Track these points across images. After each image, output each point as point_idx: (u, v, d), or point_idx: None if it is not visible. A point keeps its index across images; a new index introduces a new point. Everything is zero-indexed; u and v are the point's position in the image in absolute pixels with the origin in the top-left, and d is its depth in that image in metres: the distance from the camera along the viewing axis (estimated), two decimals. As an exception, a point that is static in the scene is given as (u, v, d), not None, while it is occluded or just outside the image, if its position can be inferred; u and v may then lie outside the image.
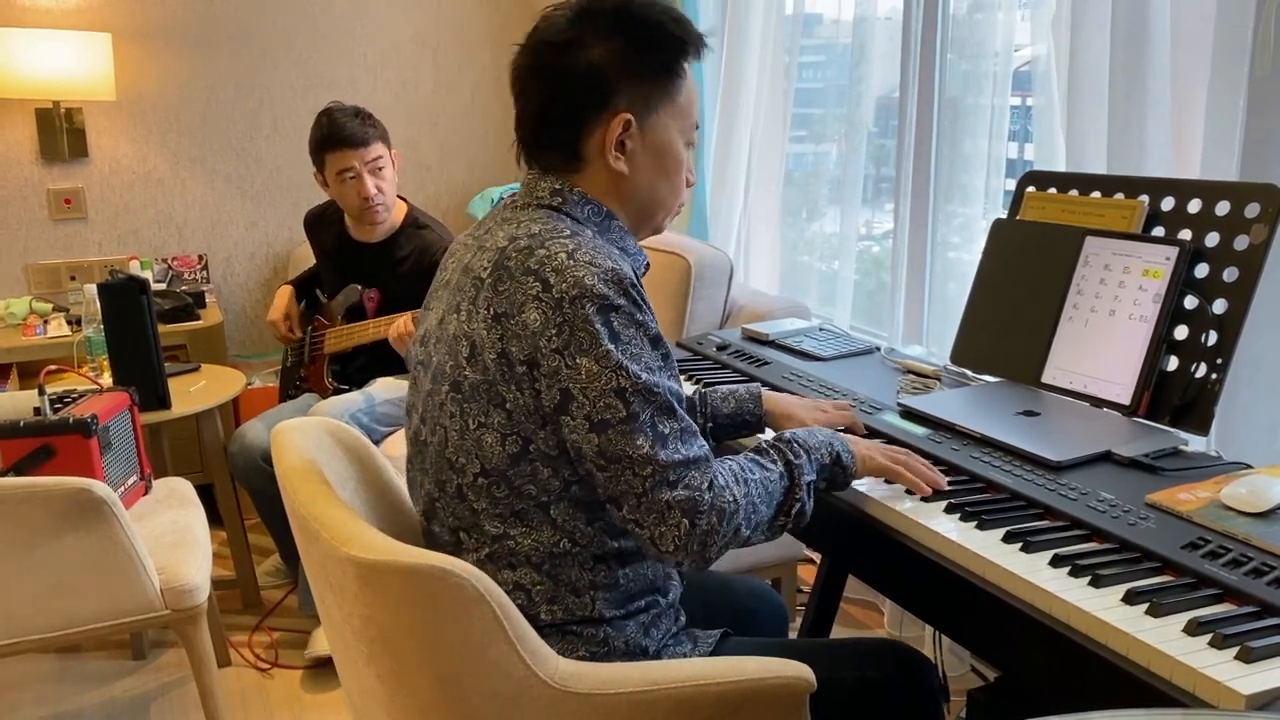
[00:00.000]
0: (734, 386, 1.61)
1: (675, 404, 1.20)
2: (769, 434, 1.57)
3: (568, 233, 1.23)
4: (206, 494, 2.59)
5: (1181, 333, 1.50)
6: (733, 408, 1.58)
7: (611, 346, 1.16)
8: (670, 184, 1.34)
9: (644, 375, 1.17)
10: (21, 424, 2.06)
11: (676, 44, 1.30)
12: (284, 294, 2.98)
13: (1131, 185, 1.64)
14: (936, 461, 1.45)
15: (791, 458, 1.29)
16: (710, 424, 1.58)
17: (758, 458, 1.29)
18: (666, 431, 1.18)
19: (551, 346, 1.16)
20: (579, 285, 1.16)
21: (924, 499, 1.34)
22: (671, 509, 1.16)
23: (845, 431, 1.54)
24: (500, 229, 1.28)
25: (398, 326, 2.53)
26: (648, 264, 1.38)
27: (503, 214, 1.32)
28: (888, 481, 1.39)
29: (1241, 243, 1.46)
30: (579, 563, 1.26)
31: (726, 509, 1.18)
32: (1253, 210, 1.45)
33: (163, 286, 3.56)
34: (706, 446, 1.22)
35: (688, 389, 1.85)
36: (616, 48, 1.25)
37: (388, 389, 2.75)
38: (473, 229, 1.37)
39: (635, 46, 1.26)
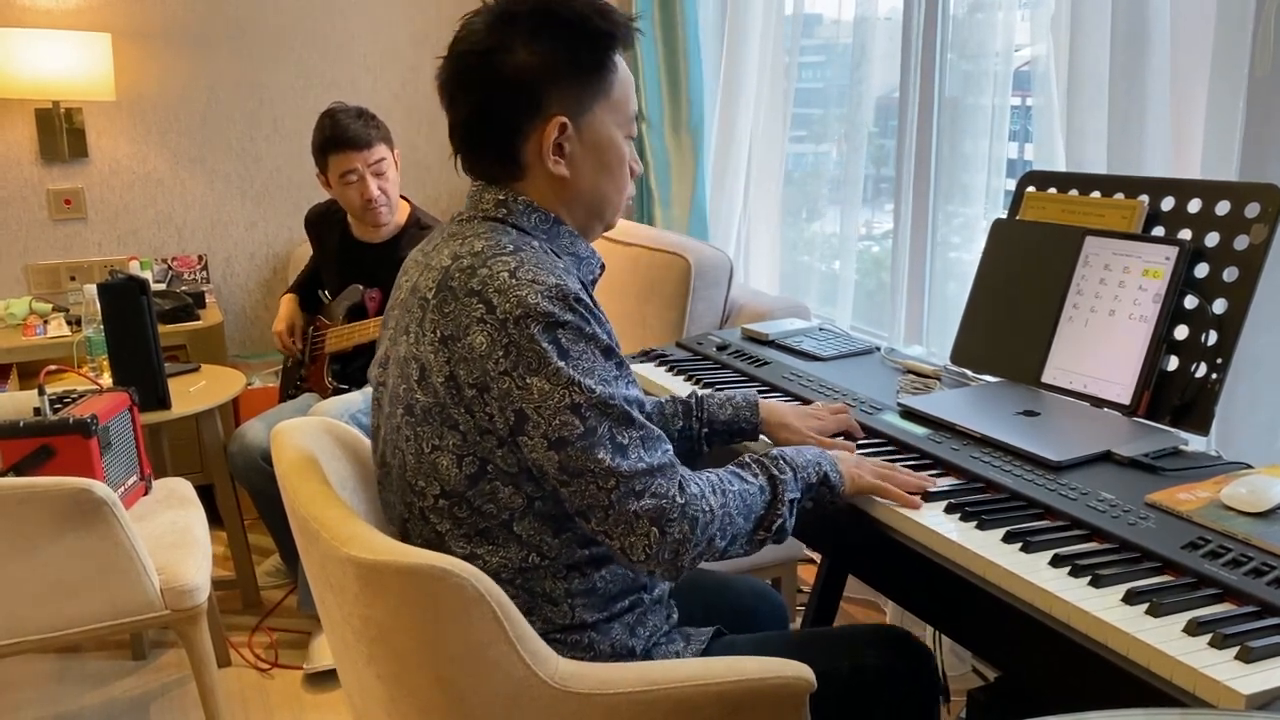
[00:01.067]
0: (731, 393, 1.61)
1: (633, 412, 1.18)
2: (764, 441, 1.57)
3: (510, 248, 1.20)
4: (206, 494, 2.59)
5: (1181, 332, 1.50)
6: (729, 414, 1.57)
7: (561, 364, 1.14)
8: (614, 180, 1.31)
9: (598, 388, 1.15)
10: (21, 424, 2.06)
11: (604, 37, 1.26)
12: (288, 303, 2.99)
13: (1131, 185, 1.64)
14: (936, 461, 1.45)
15: (776, 473, 1.28)
16: (706, 429, 1.57)
17: (739, 471, 1.28)
18: (626, 442, 1.16)
19: (500, 369, 1.15)
20: (523, 304, 1.14)
21: (924, 499, 1.34)
22: (640, 518, 1.15)
23: (843, 436, 1.54)
24: (446, 246, 1.25)
25: None
26: (603, 265, 1.36)
27: (450, 229, 1.29)
28: None
29: (1241, 242, 1.46)
30: (551, 574, 1.26)
31: (700, 518, 1.17)
32: (1253, 210, 1.45)
33: (163, 287, 3.55)
34: (670, 452, 1.20)
35: (686, 389, 1.85)
36: (542, 50, 1.22)
37: (388, 389, 2.75)
38: (423, 244, 1.34)
39: (560, 46, 1.22)
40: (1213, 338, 1.45)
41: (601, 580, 1.29)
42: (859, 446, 1.50)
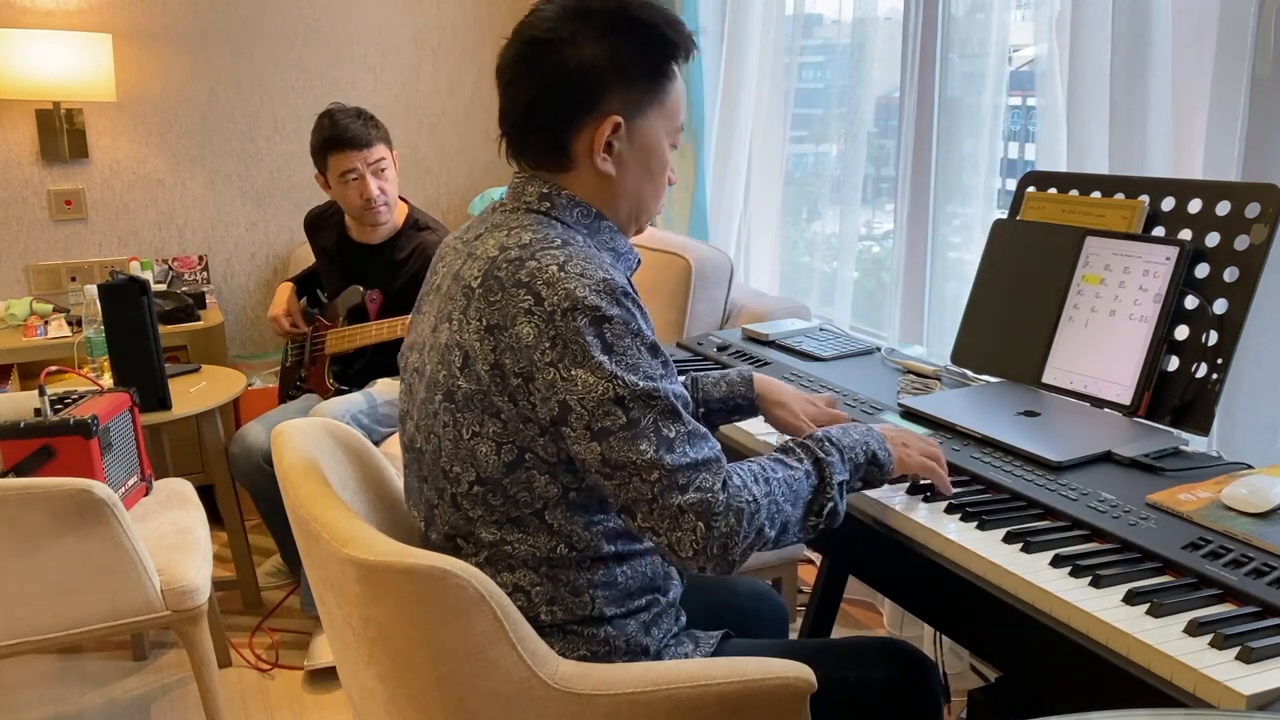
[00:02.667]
0: (724, 370, 1.60)
1: (679, 407, 1.18)
2: (760, 420, 1.56)
3: (558, 242, 1.21)
4: (207, 495, 2.59)
5: (1182, 333, 1.50)
6: (724, 391, 1.57)
7: (604, 358, 1.15)
8: (654, 186, 1.33)
9: (642, 383, 1.15)
10: (22, 425, 2.06)
11: (669, 46, 1.28)
12: (285, 290, 2.99)
13: (1132, 185, 1.64)
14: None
15: (821, 455, 1.26)
16: (702, 409, 1.57)
17: (783, 457, 1.26)
18: (672, 435, 1.16)
19: (546, 360, 1.15)
20: (570, 297, 1.15)
21: (924, 499, 1.34)
22: (685, 513, 1.14)
23: None
24: (490, 236, 1.26)
25: (400, 330, 2.54)
26: (639, 260, 1.37)
27: (492, 218, 1.30)
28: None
29: (1242, 243, 1.46)
30: (576, 564, 1.26)
31: (745, 509, 1.16)
32: (1253, 210, 1.45)
33: (163, 287, 3.56)
34: (718, 447, 1.20)
35: None
36: (609, 48, 1.23)
37: (389, 390, 2.75)
38: (462, 231, 1.35)
39: (628, 48, 1.24)
40: (1213, 338, 1.45)
41: (623, 575, 1.29)
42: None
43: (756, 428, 1.64)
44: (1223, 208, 1.50)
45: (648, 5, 1.27)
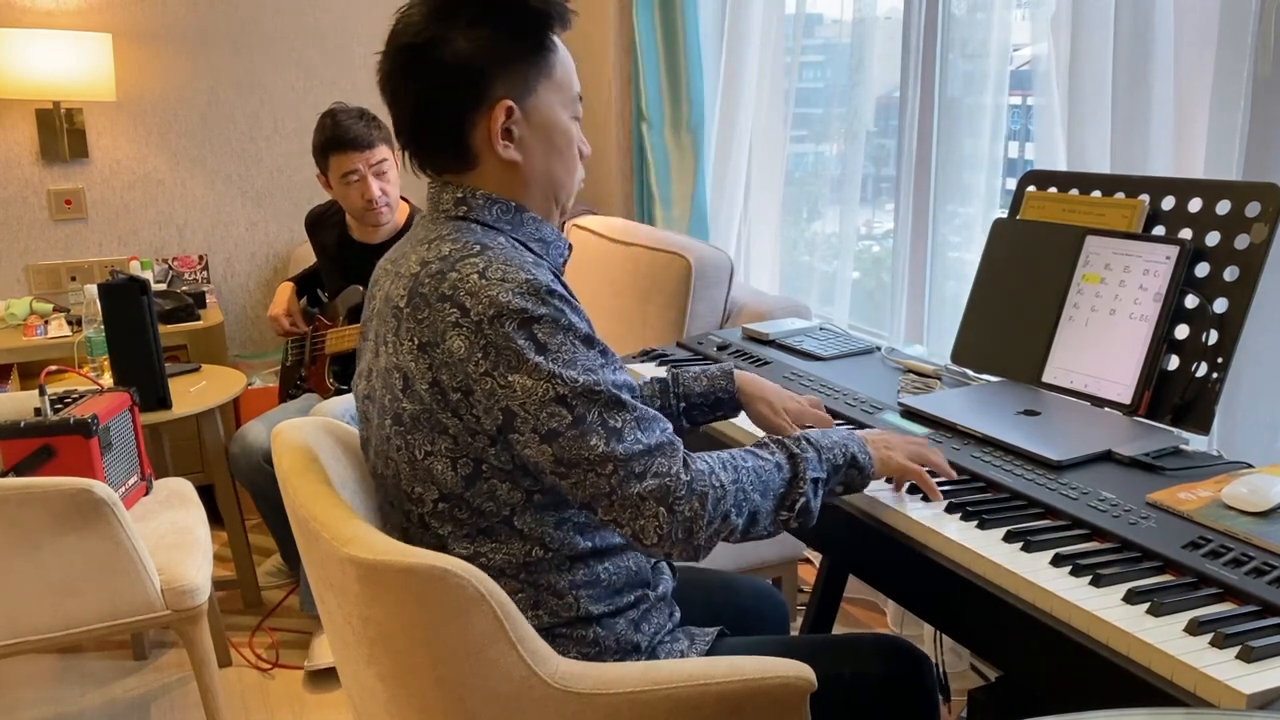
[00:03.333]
0: (705, 366, 1.60)
1: (622, 395, 1.17)
2: (743, 417, 1.56)
3: (477, 248, 1.19)
4: (207, 494, 2.59)
5: (1182, 332, 1.50)
6: (705, 386, 1.57)
7: (540, 359, 1.14)
8: (564, 162, 1.31)
9: (581, 377, 1.14)
10: (22, 424, 2.06)
11: (542, 18, 1.25)
12: (285, 290, 2.99)
13: (1132, 184, 1.64)
14: (937, 461, 1.45)
15: (796, 451, 1.26)
16: (684, 404, 1.56)
17: (755, 449, 1.26)
18: (619, 425, 1.15)
19: (481, 370, 1.14)
20: (495, 304, 1.14)
21: (923, 498, 1.34)
22: (645, 500, 1.14)
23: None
24: (413, 252, 1.24)
25: None
26: (569, 246, 1.35)
27: (414, 234, 1.29)
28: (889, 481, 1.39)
29: (1242, 242, 1.46)
30: (555, 566, 1.25)
31: (710, 494, 1.16)
32: (1253, 209, 1.45)
33: (163, 287, 3.56)
34: (670, 429, 1.19)
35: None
36: (482, 35, 1.21)
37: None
38: (390, 252, 1.34)
39: (500, 30, 1.22)
40: (1213, 337, 1.45)
41: (605, 572, 1.29)
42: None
43: (746, 421, 1.64)
44: (1223, 207, 1.50)
45: None
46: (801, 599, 2.64)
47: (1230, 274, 1.46)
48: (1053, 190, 1.76)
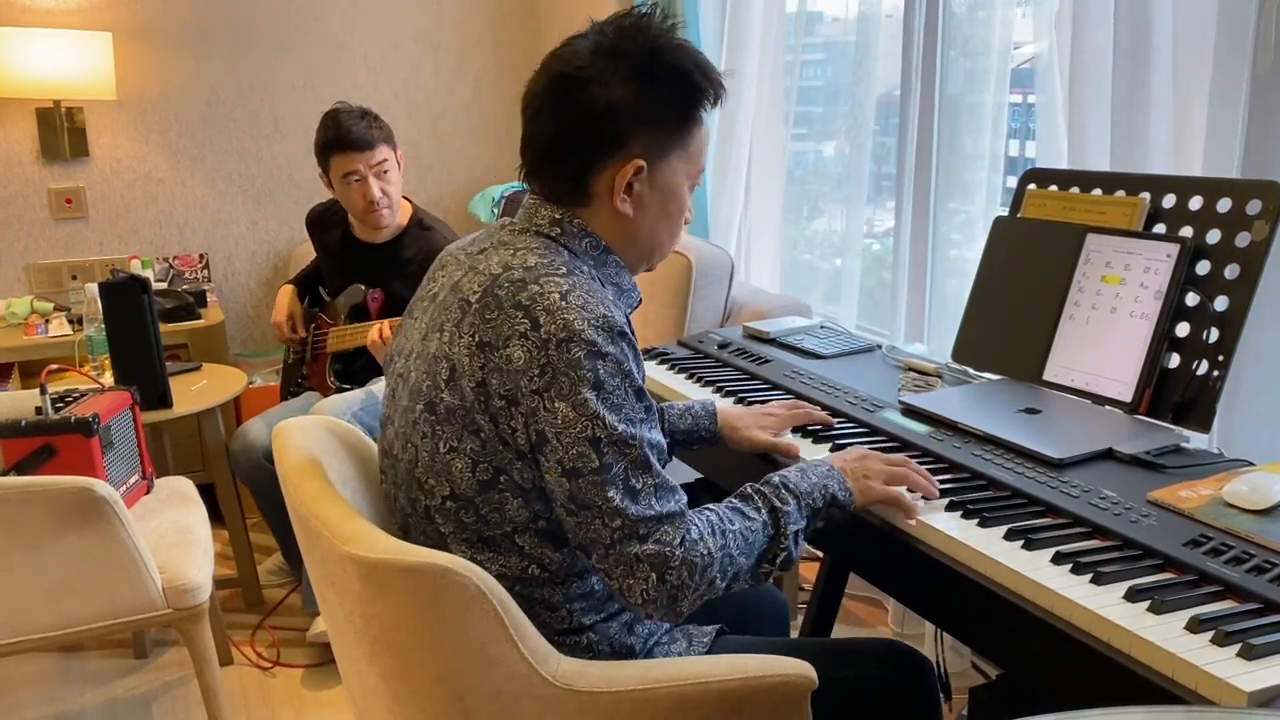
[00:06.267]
0: (690, 402, 1.62)
1: (652, 458, 1.17)
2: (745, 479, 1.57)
3: (564, 270, 1.19)
4: (208, 493, 2.59)
5: (1183, 330, 1.50)
6: (689, 424, 1.59)
7: (591, 395, 1.13)
8: (670, 227, 1.32)
9: (620, 426, 1.15)
10: (23, 423, 2.06)
11: (699, 92, 1.27)
12: (286, 293, 2.99)
13: (1132, 182, 1.64)
14: (938, 460, 1.45)
15: (778, 504, 1.26)
16: (668, 439, 1.57)
17: (741, 505, 1.26)
18: (639, 486, 1.15)
19: (532, 387, 1.14)
20: (568, 328, 1.14)
21: (922, 497, 1.34)
22: (640, 562, 1.15)
23: (803, 428, 1.56)
24: (495, 253, 1.25)
25: (373, 334, 2.54)
26: (640, 299, 1.36)
27: (500, 236, 1.29)
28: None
29: (1243, 240, 1.46)
30: (550, 583, 1.26)
31: (698, 563, 1.16)
32: (1254, 207, 1.45)
33: (164, 286, 3.56)
34: (684, 500, 1.20)
35: (688, 387, 1.85)
36: (638, 91, 1.22)
37: (389, 388, 2.75)
38: (466, 242, 1.34)
39: (657, 92, 1.23)
40: (1214, 335, 1.45)
41: (600, 583, 1.29)
42: (861, 443, 1.50)
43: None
44: (1223, 205, 1.49)
45: (680, 49, 1.25)
46: (802, 597, 2.64)
47: (1231, 272, 1.46)
48: (1053, 188, 1.76)
